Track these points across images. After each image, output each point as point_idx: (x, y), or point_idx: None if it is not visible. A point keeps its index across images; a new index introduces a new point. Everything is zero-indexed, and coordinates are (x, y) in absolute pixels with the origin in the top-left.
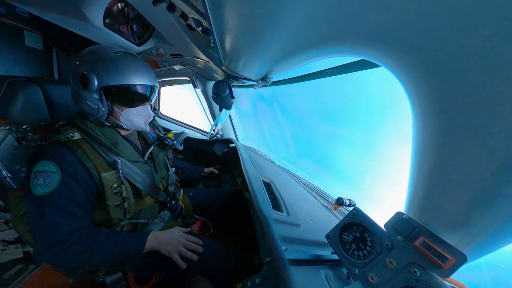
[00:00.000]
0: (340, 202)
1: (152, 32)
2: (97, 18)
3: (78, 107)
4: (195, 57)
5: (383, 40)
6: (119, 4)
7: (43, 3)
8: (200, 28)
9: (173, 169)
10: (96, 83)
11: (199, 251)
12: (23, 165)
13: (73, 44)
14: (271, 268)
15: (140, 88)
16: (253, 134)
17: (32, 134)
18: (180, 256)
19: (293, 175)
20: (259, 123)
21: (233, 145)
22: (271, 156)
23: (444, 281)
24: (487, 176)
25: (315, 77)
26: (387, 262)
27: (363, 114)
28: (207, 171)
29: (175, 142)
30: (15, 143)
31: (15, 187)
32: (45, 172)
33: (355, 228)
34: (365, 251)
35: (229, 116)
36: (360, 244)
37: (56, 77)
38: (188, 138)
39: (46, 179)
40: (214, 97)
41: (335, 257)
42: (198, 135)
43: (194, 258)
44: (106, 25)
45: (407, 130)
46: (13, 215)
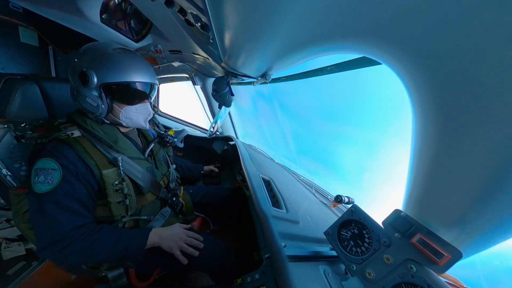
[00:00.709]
0: (339, 200)
1: (150, 28)
2: (94, 14)
3: (78, 105)
4: (194, 54)
5: (384, 37)
6: None
7: None
8: (199, 24)
9: (174, 166)
10: (96, 80)
11: (200, 247)
12: (23, 163)
13: (70, 41)
14: (270, 264)
15: (140, 86)
16: (253, 132)
17: (32, 133)
18: (181, 252)
19: (293, 173)
20: (259, 121)
21: (233, 143)
22: (271, 154)
23: (439, 277)
24: (484, 175)
25: (315, 75)
26: (384, 259)
27: (363, 112)
28: (207, 170)
29: (176, 140)
30: (14, 142)
31: (16, 185)
32: (46, 169)
33: (354, 225)
34: (363, 248)
35: (229, 114)
36: (358, 241)
37: (53, 74)
38: (188, 136)
39: (47, 177)
40: (214, 94)
41: (334, 254)
42: (198, 133)
43: (195, 254)
44: (103, 21)
45: (407, 130)
46: (15, 213)
